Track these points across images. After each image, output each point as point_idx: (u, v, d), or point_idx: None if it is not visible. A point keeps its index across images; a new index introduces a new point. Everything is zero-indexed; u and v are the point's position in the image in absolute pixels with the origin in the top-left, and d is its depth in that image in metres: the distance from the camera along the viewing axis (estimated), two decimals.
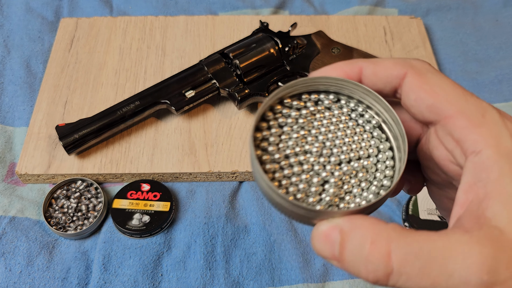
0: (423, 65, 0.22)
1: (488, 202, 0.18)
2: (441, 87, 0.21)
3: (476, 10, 0.59)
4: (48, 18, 0.57)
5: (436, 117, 0.21)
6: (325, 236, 0.20)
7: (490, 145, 0.19)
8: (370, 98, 0.24)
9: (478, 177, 0.19)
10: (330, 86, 0.24)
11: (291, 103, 0.24)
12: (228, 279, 0.40)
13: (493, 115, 0.20)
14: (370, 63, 0.23)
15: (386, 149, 0.23)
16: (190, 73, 0.47)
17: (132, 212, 0.42)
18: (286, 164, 0.22)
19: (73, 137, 0.43)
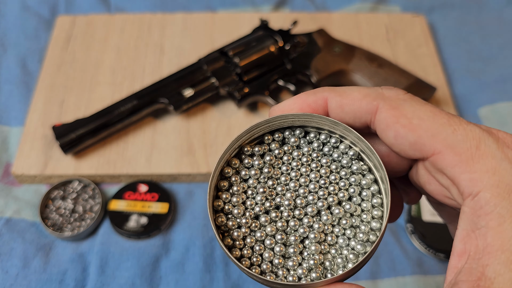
0: (397, 95, 0.19)
1: (489, 258, 0.16)
2: (421, 119, 0.18)
3: (480, 8, 0.58)
4: (45, 16, 0.56)
5: (422, 155, 0.18)
6: None
7: (489, 185, 0.16)
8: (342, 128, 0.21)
9: (476, 224, 0.17)
10: (294, 122, 0.21)
11: (252, 151, 0.21)
12: (227, 282, 0.39)
13: (489, 145, 0.17)
14: (336, 94, 0.20)
15: (370, 183, 0.20)
16: (189, 72, 0.46)
17: (129, 213, 0.41)
18: (257, 225, 0.20)
19: (70, 137, 0.42)
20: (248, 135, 0.21)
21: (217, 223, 0.21)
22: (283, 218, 0.20)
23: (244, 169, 0.21)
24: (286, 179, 0.21)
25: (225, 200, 0.21)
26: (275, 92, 0.48)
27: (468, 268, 0.16)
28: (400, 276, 0.39)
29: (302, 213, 0.20)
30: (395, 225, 0.42)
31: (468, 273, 0.16)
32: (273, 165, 0.21)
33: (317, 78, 0.46)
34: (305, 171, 0.21)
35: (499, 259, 0.16)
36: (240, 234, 0.20)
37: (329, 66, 0.46)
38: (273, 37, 0.47)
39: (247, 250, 0.20)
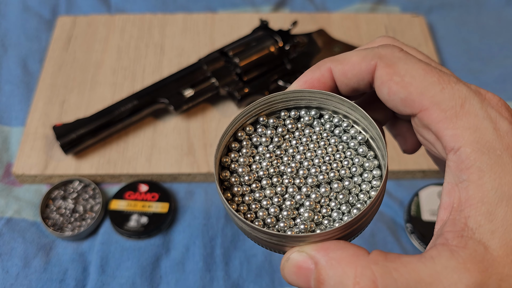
0: (393, 53, 0.20)
1: (470, 209, 0.17)
2: (413, 77, 0.19)
3: (479, 8, 0.58)
4: (45, 16, 0.56)
5: (412, 111, 0.19)
6: (297, 268, 0.18)
7: (469, 141, 0.17)
8: (355, 113, 0.22)
9: (459, 177, 0.18)
10: (311, 101, 0.22)
11: (267, 121, 0.23)
12: (227, 281, 0.39)
13: (473, 104, 0.18)
14: (337, 62, 0.21)
15: (372, 167, 0.21)
16: (189, 72, 0.46)
17: (130, 213, 0.41)
18: (258, 186, 0.21)
19: (70, 137, 0.42)
20: (265, 106, 0.22)
21: (221, 177, 0.21)
22: (284, 184, 0.21)
23: (257, 136, 0.22)
24: (294, 151, 0.22)
25: (233, 158, 0.22)
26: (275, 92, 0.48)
27: (452, 220, 0.17)
28: None
29: (302, 182, 0.21)
30: (394, 225, 0.43)
31: (452, 224, 0.17)
32: (284, 137, 0.22)
33: None
34: (312, 147, 0.22)
35: (480, 210, 0.17)
36: (240, 190, 0.21)
37: None
38: (273, 37, 0.47)
39: (243, 207, 0.21)
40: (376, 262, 0.17)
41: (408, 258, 0.17)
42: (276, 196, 0.21)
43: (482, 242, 0.16)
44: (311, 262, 0.18)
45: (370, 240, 0.41)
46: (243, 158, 0.22)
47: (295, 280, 0.18)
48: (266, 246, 0.20)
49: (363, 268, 0.16)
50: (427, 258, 0.17)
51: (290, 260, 0.18)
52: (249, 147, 0.22)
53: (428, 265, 0.16)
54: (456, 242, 0.17)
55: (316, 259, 0.17)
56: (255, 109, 0.22)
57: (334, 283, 0.17)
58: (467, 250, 0.16)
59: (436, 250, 0.17)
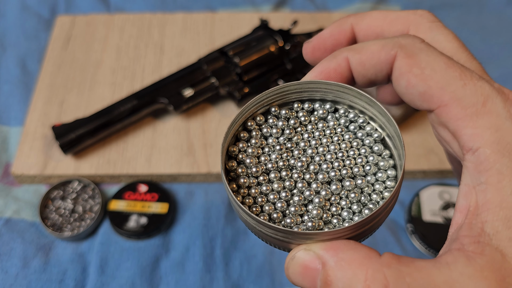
0: (414, 43, 0.19)
1: (488, 214, 0.16)
2: (434, 70, 0.18)
3: (480, 8, 0.58)
4: (44, 16, 0.56)
5: (430, 106, 0.18)
6: (303, 268, 0.17)
7: (489, 141, 0.16)
8: (374, 109, 0.21)
9: (477, 180, 0.17)
10: (327, 94, 0.21)
11: (278, 112, 0.21)
12: (227, 282, 0.39)
13: (496, 103, 0.17)
14: (355, 51, 0.20)
15: (387, 166, 0.20)
16: (188, 72, 0.46)
17: (129, 213, 0.41)
18: (265, 179, 0.20)
19: (69, 137, 0.42)
20: (278, 96, 0.21)
21: (227, 166, 0.20)
22: (293, 179, 0.20)
23: (267, 127, 0.21)
24: (305, 145, 0.21)
25: (241, 148, 0.21)
26: None
27: (468, 224, 0.16)
28: None
29: (312, 177, 0.20)
30: (395, 225, 0.42)
31: (469, 228, 0.16)
32: (296, 130, 0.21)
33: None
34: (325, 142, 0.21)
35: (498, 215, 0.16)
36: (246, 181, 0.20)
37: None
38: (273, 37, 0.47)
39: (249, 200, 0.20)
40: (389, 265, 0.16)
41: (423, 263, 0.16)
42: (284, 190, 0.20)
43: (499, 249, 0.16)
44: (319, 262, 0.17)
45: (370, 241, 0.41)
46: (252, 148, 0.21)
47: (300, 280, 0.17)
48: (271, 242, 0.19)
49: (375, 271, 0.16)
50: (443, 263, 0.16)
51: (296, 259, 0.17)
52: (258, 137, 0.21)
53: (444, 271, 0.15)
54: (473, 248, 0.16)
55: (324, 259, 0.16)
56: (267, 98, 0.21)
57: (342, 285, 0.16)
58: (484, 257, 0.15)
59: (452, 256, 0.16)
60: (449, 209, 0.41)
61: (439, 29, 0.19)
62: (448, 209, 0.41)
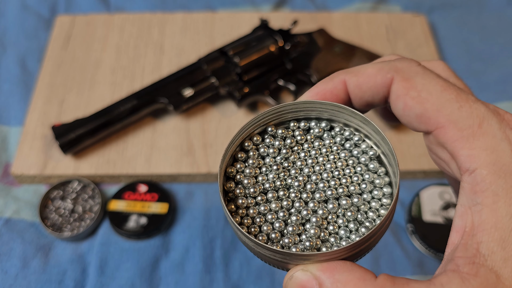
0: (410, 67, 0.19)
1: (483, 234, 0.16)
2: (430, 93, 0.18)
3: (480, 8, 0.58)
4: (44, 15, 0.56)
5: (427, 128, 0.19)
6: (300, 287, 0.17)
7: (486, 162, 0.17)
8: (367, 127, 0.21)
9: (473, 200, 0.17)
10: (322, 113, 0.21)
11: (275, 131, 0.22)
12: (227, 282, 0.39)
13: (492, 124, 0.17)
14: (352, 74, 0.21)
15: (382, 184, 0.20)
16: (188, 71, 0.46)
17: (129, 213, 0.41)
18: (263, 199, 0.20)
19: (69, 137, 0.42)
20: (274, 116, 0.22)
21: (226, 187, 0.21)
22: (290, 198, 0.20)
23: (264, 147, 0.21)
24: (302, 163, 0.21)
25: (238, 169, 0.21)
26: (275, 92, 0.48)
27: (463, 244, 0.17)
28: None
29: (309, 196, 0.20)
30: (395, 225, 0.42)
31: (464, 249, 0.17)
32: (292, 149, 0.22)
33: (317, 78, 0.46)
34: (322, 160, 0.21)
35: (493, 236, 0.16)
36: (244, 202, 0.20)
37: (329, 66, 0.46)
38: (273, 36, 0.47)
39: (247, 220, 0.20)
40: (383, 286, 0.16)
41: (417, 285, 0.16)
42: (282, 210, 0.20)
43: (494, 270, 0.16)
44: (316, 283, 0.17)
45: None
46: (249, 169, 0.21)
47: None
48: (270, 262, 0.19)
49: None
50: (437, 285, 0.16)
51: (294, 279, 0.18)
52: (255, 157, 0.21)
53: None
54: (467, 269, 0.16)
55: (321, 280, 0.17)
56: (263, 118, 0.21)
57: None
58: (478, 279, 0.16)
59: (447, 277, 0.16)
60: (449, 209, 0.41)
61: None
62: (448, 209, 0.41)
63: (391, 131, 0.46)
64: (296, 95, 0.47)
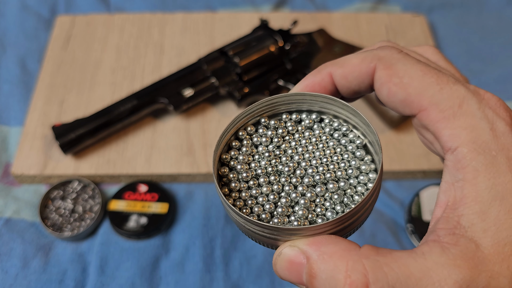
0: (391, 54, 0.20)
1: (464, 208, 0.17)
2: (411, 78, 0.19)
3: (480, 8, 0.58)
4: (44, 16, 0.56)
5: (411, 111, 0.20)
6: (289, 263, 0.18)
7: (466, 141, 0.18)
8: (356, 118, 0.22)
9: (455, 177, 0.18)
10: (313, 105, 0.23)
11: (268, 122, 0.23)
12: (227, 282, 0.39)
13: (471, 104, 0.18)
14: (337, 66, 0.22)
15: (368, 170, 0.21)
16: (188, 72, 0.46)
17: (129, 213, 0.41)
18: (255, 183, 0.21)
19: (69, 137, 0.42)
20: (268, 107, 0.23)
21: (220, 172, 0.22)
22: (280, 183, 0.21)
23: (257, 136, 0.23)
24: (292, 151, 0.22)
25: (232, 156, 0.22)
26: (275, 92, 0.48)
27: (445, 217, 0.18)
28: None
29: (298, 181, 0.21)
30: (395, 225, 0.42)
31: (445, 221, 0.18)
32: (284, 139, 0.23)
33: None
34: (311, 149, 0.22)
35: (473, 209, 0.17)
36: (237, 186, 0.21)
37: None
38: (273, 37, 0.47)
39: (239, 202, 0.21)
40: (367, 256, 0.17)
41: (399, 253, 0.17)
42: (272, 193, 0.21)
43: (473, 240, 0.17)
44: (303, 257, 0.18)
45: (370, 241, 0.41)
46: (243, 156, 0.22)
47: (287, 275, 0.18)
48: (259, 240, 0.20)
49: (354, 262, 0.17)
50: (418, 253, 0.17)
51: (282, 255, 0.18)
52: (249, 146, 0.23)
53: (419, 261, 0.17)
54: (448, 239, 0.17)
55: (308, 254, 0.18)
56: (257, 109, 0.23)
57: (325, 277, 0.17)
58: (458, 247, 0.17)
59: (428, 246, 0.17)
60: None
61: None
62: None
63: (391, 131, 0.46)
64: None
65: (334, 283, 0.17)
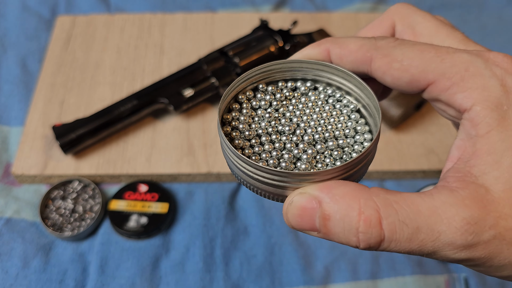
0: (388, 43, 0.21)
1: (476, 160, 0.18)
2: (410, 59, 0.20)
3: (480, 8, 0.58)
4: (45, 16, 0.56)
5: (420, 88, 0.20)
6: (301, 209, 0.19)
7: (479, 99, 0.18)
8: (350, 83, 0.23)
9: (470, 133, 0.18)
10: (307, 73, 0.24)
11: (266, 88, 0.24)
12: (227, 282, 0.39)
13: (478, 65, 0.19)
14: (336, 45, 0.22)
15: (364, 131, 0.22)
16: (189, 72, 0.46)
17: (129, 213, 0.41)
18: (257, 142, 0.22)
19: (70, 137, 0.42)
20: (264, 74, 0.24)
21: (223, 131, 0.22)
22: (282, 141, 0.22)
23: (256, 100, 0.24)
24: (291, 114, 0.23)
25: (234, 116, 0.23)
26: None
27: (455, 168, 0.19)
28: (400, 276, 0.39)
29: (299, 139, 0.22)
30: None
31: (456, 171, 0.18)
32: (282, 102, 0.24)
33: None
34: (308, 112, 0.23)
35: (485, 160, 0.18)
36: (240, 143, 0.22)
37: None
38: (273, 37, 0.47)
39: None
40: (378, 194, 0.18)
41: (407, 194, 0.18)
42: (275, 150, 0.21)
43: (484, 186, 0.17)
44: (315, 201, 0.18)
45: None
46: (244, 116, 0.23)
47: (299, 222, 0.19)
48: (265, 191, 0.20)
49: (366, 200, 0.17)
50: (427, 195, 0.18)
51: (294, 203, 0.19)
52: (249, 108, 0.23)
53: (427, 200, 0.17)
54: (457, 184, 0.18)
55: (320, 198, 0.18)
56: (254, 75, 0.23)
57: (340, 216, 0.18)
58: (467, 190, 0.17)
59: (436, 189, 0.18)
60: None
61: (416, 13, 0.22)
62: None
63: (391, 131, 0.46)
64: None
65: (348, 221, 0.17)
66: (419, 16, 0.22)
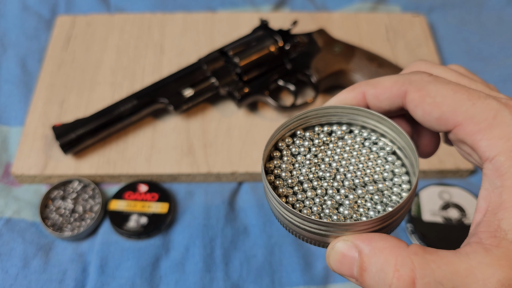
0: (422, 78, 0.22)
1: (504, 212, 0.18)
2: (443, 97, 0.21)
3: (480, 8, 0.58)
4: (45, 16, 0.56)
5: (447, 128, 0.21)
6: (342, 256, 0.20)
7: (503, 149, 0.19)
8: (384, 126, 0.24)
9: (494, 184, 0.19)
10: (342, 117, 0.25)
11: (303, 134, 0.25)
12: (227, 282, 0.39)
13: (505, 115, 0.19)
14: (371, 86, 0.23)
15: (401, 173, 0.23)
16: (189, 72, 0.46)
17: (129, 213, 0.41)
18: (300, 189, 0.23)
19: (69, 137, 0.42)
20: (301, 121, 0.25)
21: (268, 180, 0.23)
22: (323, 187, 0.23)
23: (295, 147, 0.24)
24: (330, 159, 0.24)
25: (275, 165, 0.24)
26: (275, 92, 0.48)
27: (486, 221, 0.19)
28: None
29: (340, 185, 0.23)
30: None
31: (487, 225, 0.19)
32: (320, 148, 0.24)
33: (317, 78, 0.46)
34: (346, 156, 0.24)
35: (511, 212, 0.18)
36: (284, 191, 0.23)
37: (329, 66, 0.46)
38: (273, 37, 0.47)
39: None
40: (416, 253, 0.18)
41: (445, 253, 0.18)
42: (317, 197, 0.22)
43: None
44: (355, 251, 0.19)
45: None
46: (285, 164, 0.24)
47: (339, 267, 0.20)
48: (310, 238, 0.21)
49: (403, 258, 0.18)
50: (463, 254, 0.18)
51: (336, 248, 0.20)
52: (289, 155, 0.24)
53: (464, 260, 0.17)
54: (490, 242, 0.18)
55: (360, 248, 0.19)
56: (292, 123, 0.24)
57: (376, 270, 0.18)
58: (500, 249, 0.17)
59: (471, 248, 0.18)
60: (449, 209, 0.41)
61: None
62: (447, 209, 0.41)
63: None
64: (296, 95, 0.47)
65: (383, 276, 0.18)
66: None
